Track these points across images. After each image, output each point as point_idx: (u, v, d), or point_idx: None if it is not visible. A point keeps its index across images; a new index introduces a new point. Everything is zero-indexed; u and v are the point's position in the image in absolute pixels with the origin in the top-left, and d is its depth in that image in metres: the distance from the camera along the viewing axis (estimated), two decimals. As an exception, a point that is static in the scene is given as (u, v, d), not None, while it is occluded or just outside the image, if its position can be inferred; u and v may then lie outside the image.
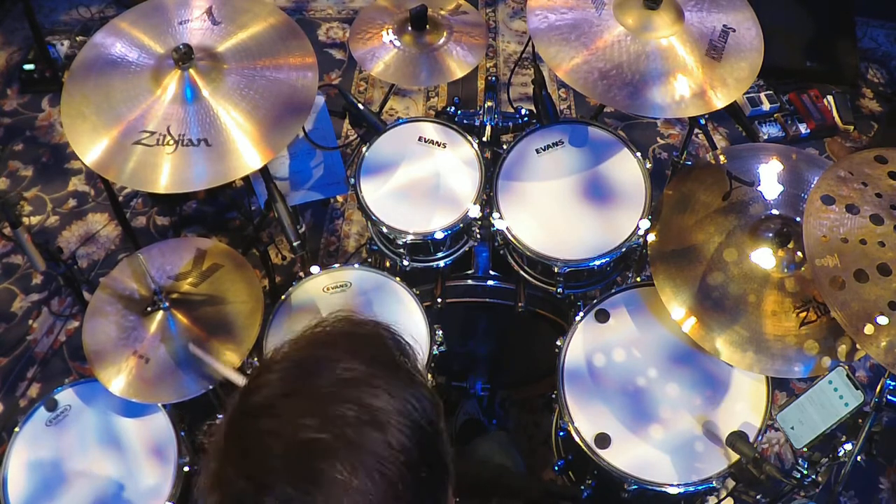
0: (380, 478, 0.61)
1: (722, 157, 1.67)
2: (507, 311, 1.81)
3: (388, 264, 1.88)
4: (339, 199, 2.80)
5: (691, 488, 1.42)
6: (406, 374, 0.69)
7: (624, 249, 1.61)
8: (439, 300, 1.77)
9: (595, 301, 1.64)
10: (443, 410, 0.71)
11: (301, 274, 1.75)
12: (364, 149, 1.78)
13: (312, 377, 0.66)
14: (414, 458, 0.63)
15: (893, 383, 1.28)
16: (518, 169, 1.73)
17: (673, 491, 1.42)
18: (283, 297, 1.69)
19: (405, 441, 0.63)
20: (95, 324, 1.63)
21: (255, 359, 1.59)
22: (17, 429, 1.56)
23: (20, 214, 1.55)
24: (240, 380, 1.39)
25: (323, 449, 0.61)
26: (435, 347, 1.61)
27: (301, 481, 0.60)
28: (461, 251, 1.77)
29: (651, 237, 1.60)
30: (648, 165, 1.69)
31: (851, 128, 3.01)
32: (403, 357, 0.71)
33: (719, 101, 1.53)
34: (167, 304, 1.60)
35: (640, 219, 1.62)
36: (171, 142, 1.43)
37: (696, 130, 1.91)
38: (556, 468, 1.71)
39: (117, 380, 1.54)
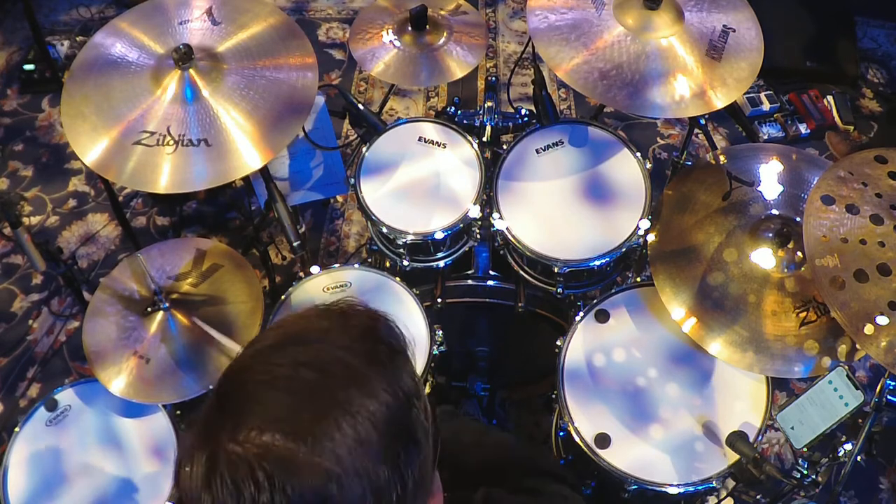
0: (349, 430, 0.64)
1: (722, 157, 1.67)
2: (507, 311, 1.81)
3: (388, 264, 1.88)
4: (339, 199, 2.80)
5: (691, 488, 1.42)
6: (390, 351, 0.73)
7: (624, 249, 1.61)
8: (439, 300, 1.77)
9: (595, 301, 1.64)
10: (423, 390, 0.74)
11: (301, 274, 1.75)
12: (364, 149, 1.78)
13: (301, 337, 0.71)
14: (383, 419, 0.66)
15: (893, 383, 1.28)
16: (518, 169, 1.73)
17: (673, 491, 1.42)
18: (283, 297, 1.69)
19: (377, 404, 0.66)
20: (95, 324, 1.63)
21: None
22: (17, 429, 1.56)
23: (20, 214, 1.55)
24: None
25: (301, 393, 0.65)
26: (435, 347, 1.61)
27: (276, 420, 0.63)
28: (461, 251, 1.77)
29: (651, 237, 1.60)
30: (648, 165, 1.69)
31: (851, 128, 3.01)
32: (391, 337, 0.74)
33: (719, 101, 1.53)
34: (167, 304, 1.60)
35: (640, 219, 1.62)
36: (171, 142, 1.43)
37: (696, 130, 1.91)
38: (556, 468, 1.71)
39: (117, 380, 1.54)
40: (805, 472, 1.31)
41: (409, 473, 0.69)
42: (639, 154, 1.71)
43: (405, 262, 1.72)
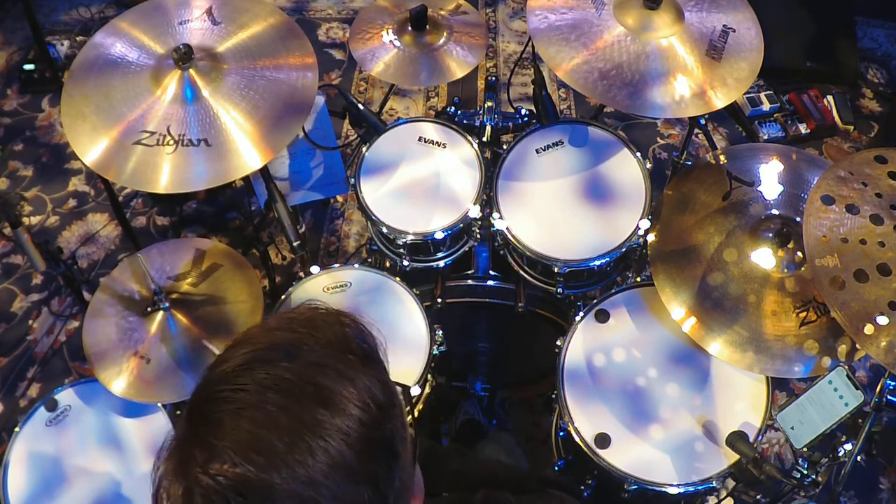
0: (322, 454, 0.63)
1: (722, 157, 1.67)
2: (507, 311, 1.81)
3: (388, 264, 1.88)
4: (339, 199, 2.80)
5: (691, 488, 1.42)
6: (361, 358, 0.72)
7: (624, 249, 1.61)
8: (439, 300, 1.77)
9: (595, 301, 1.63)
10: (398, 395, 0.73)
11: (301, 274, 1.75)
12: (364, 149, 1.78)
13: (270, 354, 0.69)
14: (358, 437, 0.65)
15: (893, 383, 1.29)
16: (518, 169, 1.73)
17: (673, 491, 1.42)
18: (283, 297, 1.69)
19: (349, 421, 0.66)
20: (95, 324, 1.63)
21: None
22: (17, 429, 1.56)
23: (20, 214, 1.55)
24: None
25: (269, 419, 0.64)
26: (435, 347, 1.61)
27: (246, 450, 0.63)
28: (461, 251, 1.76)
29: (651, 237, 1.60)
30: (648, 165, 1.69)
31: (851, 128, 3.01)
32: (361, 343, 0.74)
33: (719, 101, 1.53)
34: (167, 304, 1.60)
35: (640, 219, 1.62)
36: (171, 142, 1.43)
37: (696, 130, 1.91)
38: (556, 468, 1.71)
39: (118, 380, 1.54)
40: (805, 472, 1.31)
41: (391, 488, 0.68)
42: (639, 154, 1.71)
43: (405, 262, 1.72)
